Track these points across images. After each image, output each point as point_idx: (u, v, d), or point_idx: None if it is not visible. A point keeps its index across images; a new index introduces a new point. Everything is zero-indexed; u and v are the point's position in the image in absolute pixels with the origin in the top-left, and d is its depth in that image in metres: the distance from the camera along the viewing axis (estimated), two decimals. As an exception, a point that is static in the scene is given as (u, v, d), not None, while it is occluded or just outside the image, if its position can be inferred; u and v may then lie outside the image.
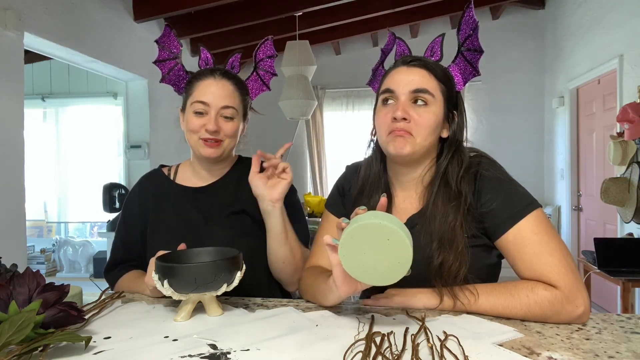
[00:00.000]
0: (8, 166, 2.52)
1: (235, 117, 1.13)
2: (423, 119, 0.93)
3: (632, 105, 2.99)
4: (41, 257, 5.07)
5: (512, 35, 5.29)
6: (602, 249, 2.75)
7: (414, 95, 0.94)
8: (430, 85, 0.94)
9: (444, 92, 0.96)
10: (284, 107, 4.00)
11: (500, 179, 0.94)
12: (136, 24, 3.73)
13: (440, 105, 0.95)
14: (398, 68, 0.98)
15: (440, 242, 0.91)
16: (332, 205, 1.12)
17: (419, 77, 0.94)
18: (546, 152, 5.20)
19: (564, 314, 0.81)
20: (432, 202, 0.95)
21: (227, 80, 1.13)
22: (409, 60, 0.97)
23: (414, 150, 0.94)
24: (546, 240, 0.86)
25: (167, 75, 1.19)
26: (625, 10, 3.43)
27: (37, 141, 5.37)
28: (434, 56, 1.01)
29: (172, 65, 1.18)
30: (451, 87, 0.99)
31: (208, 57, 1.18)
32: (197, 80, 1.13)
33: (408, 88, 0.94)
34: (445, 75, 0.97)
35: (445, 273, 0.88)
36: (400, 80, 0.95)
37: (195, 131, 1.11)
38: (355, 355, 0.67)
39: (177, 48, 1.19)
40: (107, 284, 1.20)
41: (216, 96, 1.10)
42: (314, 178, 5.79)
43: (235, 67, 1.19)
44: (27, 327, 0.67)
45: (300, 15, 4.16)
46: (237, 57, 1.20)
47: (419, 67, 0.96)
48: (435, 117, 0.94)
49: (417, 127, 0.93)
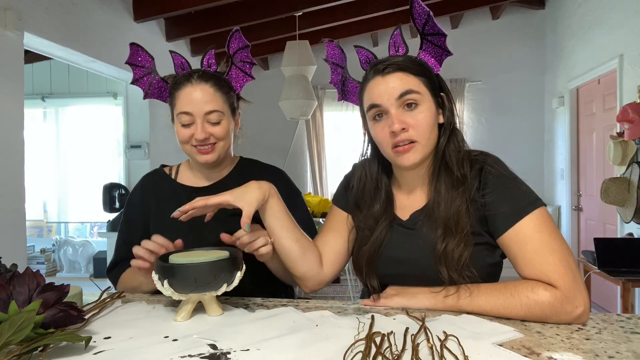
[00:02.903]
0: (8, 166, 2.52)
1: (223, 118, 1.11)
2: (420, 121, 0.92)
3: (632, 105, 2.99)
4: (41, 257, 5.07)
5: (512, 35, 5.29)
6: (602, 249, 2.75)
7: (402, 100, 0.92)
8: (412, 83, 0.93)
9: (426, 83, 0.95)
10: (284, 107, 4.00)
11: (505, 176, 0.94)
12: (136, 24, 3.73)
13: (428, 97, 0.95)
14: (374, 80, 0.95)
15: (445, 228, 0.92)
16: (339, 200, 1.13)
17: (398, 81, 0.93)
18: (546, 152, 5.20)
19: (564, 314, 0.81)
20: (435, 189, 0.95)
21: (206, 83, 1.10)
22: (381, 68, 0.94)
23: (423, 154, 0.95)
24: (548, 239, 0.86)
25: (149, 91, 1.18)
26: (625, 10, 3.43)
27: (37, 141, 5.37)
28: (399, 51, 0.99)
29: (150, 80, 1.17)
30: (429, 74, 0.97)
31: (183, 62, 1.15)
32: (176, 90, 1.11)
33: (393, 96, 0.92)
34: (420, 66, 0.96)
35: (449, 257, 0.89)
36: (382, 92, 0.93)
37: (186, 142, 1.11)
38: (355, 355, 0.67)
39: (149, 61, 1.16)
40: (107, 283, 1.20)
41: (198, 103, 1.08)
42: (314, 178, 5.79)
43: (212, 65, 1.16)
44: (27, 327, 0.67)
45: (300, 15, 4.16)
46: (212, 54, 1.17)
47: (393, 71, 0.94)
48: (430, 112, 0.94)
49: (418, 132, 0.93)
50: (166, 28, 4.22)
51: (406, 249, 0.98)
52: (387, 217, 1.01)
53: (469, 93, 5.36)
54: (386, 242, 1.00)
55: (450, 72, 5.22)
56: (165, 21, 4.19)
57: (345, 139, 5.68)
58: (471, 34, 5.39)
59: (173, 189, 1.21)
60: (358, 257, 1.03)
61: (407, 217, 1.00)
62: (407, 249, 0.98)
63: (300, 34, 4.15)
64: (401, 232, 1.00)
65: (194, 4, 3.48)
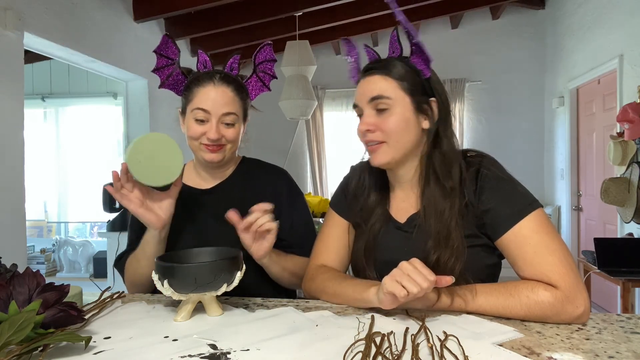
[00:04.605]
0: (8, 166, 2.52)
1: (237, 122, 1.12)
2: (387, 123, 0.95)
3: (632, 105, 2.99)
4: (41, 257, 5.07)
5: (512, 35, 5.28)
6: (602, 249, 2.75)
7: (373, 104, 0.96)
8: (388, 87, 0.95)
9: (405, 88, 0.95)
10: (284, 107, 4.00)
11: (502, 178, 0.94)
12: (136, 24, 3.73)
13: (403, 103, 0.95)
14: (360, 80, 1.00)
15: (436, 240, 0.92)
16: (336, 204, 1.13)
17: (374, 84, 0.96)
18: (546, 152, 5.20)
19: (564, 314, 0.81)
20: (426, 200, 0.96)
21: (227, 85, 1.11)
22: (366, 69, 0.99)
23: (392, 156, 0.96)
24: (547, 239, 0.86)
25: (167, 81, 1.18)
26: (625, 10, 3.43)
27: (37, 141, 5.37)
28: (395, 52, 1.00)
29: (171, 71, 1.18)
30: (415, 78, 0.96)
31: (206, 60, 1.16)
32: (196, 86, 1.12)
33: (366, 99, 0.96)
34: (404, 70, 0.96)
35: (442, 269, 0.88)
36: (360, 92, 0.99)
37: (196, 138, 1.11)
38: (355, 355, 0.67)
39: (175, 54, 1.17)
40: (107, 283, 1.20)
41: (217, 103, 1.09)
42: (314, 178, 5.79)
43: (235, 69, 1.18)
44: (27, 327, 0.67)
45: (300, 15, 4.16)
46: (236, 59, 1.18)
47: (376, 73, 0.97)
48: (400, 116, 0.94)
49: (385, 133, 0.95)
50: (166, 28, 4.22)
51: (404, 251, 0.97)
52: (381, 209, 1.03)
53: (469, 93, 5.36)
54: (384, 244, 1.00)
55: (450, 72, 5.23)
56: (165, 21, 4.19)
57: (345, 139, 5.68)
58: (471, 34, 5.39)
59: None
60: (356, 252, 1.04)
61: (405, 219, 1.01)
62: (405, 252, 0.97)
63: (300, 34, 4.15)
64: (398, 235, 1.00)
65: (194, 4, 3.48)
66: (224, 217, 0.99)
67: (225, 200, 1.18)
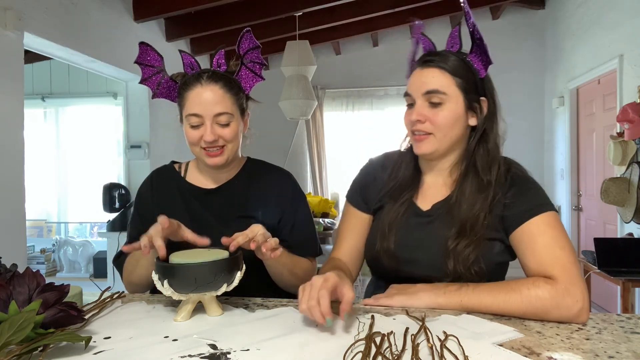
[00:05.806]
0: (8, 166, 2.52)
1: (232, 120, 1.11)
2: (438, 117, 0.97)
3: (632, 105, 2.99)
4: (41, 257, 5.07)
5: (512, 35, 5.28)
6: (602, 249, 2.75)
7: (427, 97, 0.98)
8: (444, 82, 0.97)
9: (460, 85, 0.98)
10: (284, 107, 4.00)
11: (529, 179, 1.01)
12: (136, 24, 3.73)
13: (456, 99, 0.98)
14: (415, 70, 1.02)
15: (460, 228, 0.96)
16: (352, 197, 1.15)
17: (431, 77, 0.98)
18: (546, 152, 5.20)
19: (565, 308, 0.82)
20: (459, 189, 1.00)
21: (215, 84, 1.09)
22: (423, 60, 1.01)
23: (436, 148, 0.99)
24: (559, 236, 0.91)
25: (158, 90, 1.17)
26: (625, 10, 3.43)
27: (37, 141, 5.36)
28: (453, 47, 1.04)
29: (159, 79, 1.16)
30: (470, 76, 0.99)
31: (192, 62, 1.14)
32: (185, 90, 1.10)
33: (421, 91, 0.99)
34: (461, 67, 0.98)
35: (458, 255, 0.93)
36: (416, 83, 1.00)
37: (195, 144, 1.11)
38: (355, 355, 0.67)
39: (158, 61, 1.15)
40: (107, 283, 1.20)
41: (207, 105, 1.07)
42: (314, 178, 5.79)
43: (222, 65, 1.15)
44: (27, 327, 0.67)
45: (300, 15, 4.16)
46: (222, 54, 1.15)
47: (433, 66, 0.99)
48: (452, 113, 0.97)
49: (434, 126, 0.98)
50: (166, 28, 4.22)
51: (422, 238, 1.01)
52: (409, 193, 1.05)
53: (469, 93, 5.35)
54: (403, 229, 1.02)
55: (450, 72, 5.22)
56: (165, 21, 4.19)
57: (345, 139, 5.68)
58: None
59: (181, 188, 1.21)
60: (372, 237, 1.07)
61: (429, 207, 1.04)
62: (422, 239, 1.01)
63: (300, 34, 4.15)
64: (419, 222, 1.03)
65: (194, 4, 3.48)
66: (227, 217, 0.99)
67: (229, 200, 1.18)
